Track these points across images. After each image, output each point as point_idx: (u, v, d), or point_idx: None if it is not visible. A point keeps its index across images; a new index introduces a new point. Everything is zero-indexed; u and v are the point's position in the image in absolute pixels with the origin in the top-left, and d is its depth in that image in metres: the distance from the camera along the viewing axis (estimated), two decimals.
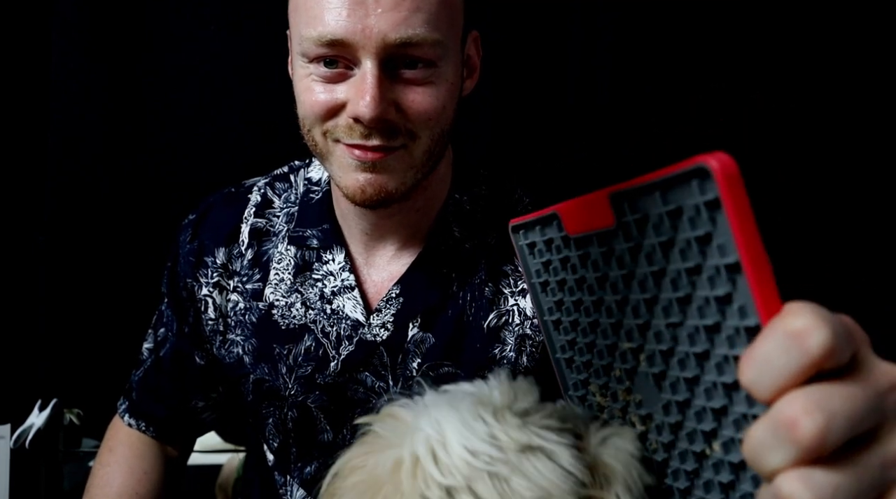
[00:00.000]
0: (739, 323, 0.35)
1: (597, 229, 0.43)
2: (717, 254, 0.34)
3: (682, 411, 0.42)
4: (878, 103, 1.52)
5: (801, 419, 0.29)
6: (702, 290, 0.36)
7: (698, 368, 0.39)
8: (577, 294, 0.49)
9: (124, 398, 1.04)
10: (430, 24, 0.72)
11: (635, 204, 0.39)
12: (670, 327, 0.40)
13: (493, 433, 0.44)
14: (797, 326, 0.30)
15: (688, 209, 0.35)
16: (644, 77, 1.55)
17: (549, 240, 0.50)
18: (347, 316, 0.90)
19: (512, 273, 0.90)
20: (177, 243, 0.98)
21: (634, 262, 0.41)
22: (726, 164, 0.32)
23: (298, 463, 0.96)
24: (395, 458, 0.45)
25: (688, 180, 0.35)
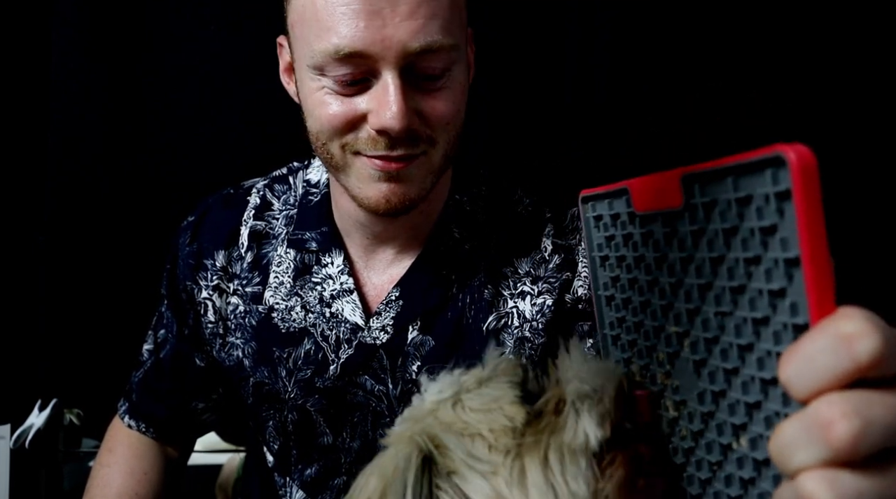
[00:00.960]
0: (789, 319, 0.34)
1: (664, 209, 0.43)
2: (779, 247, 0.34)
3: (716, 402, 0.42)
4: (876, 102, 1.52)
5: (837, 422, 0.29)
6: (757, 281, 0.36)
7: (739, 361, 0.39)
8: (635, 272, 0.49)
9: (124, 399, 1.05)
10: (446, 29, 0.71)
11: (706, 187, 0.39)
12: (719, 316, 0.40)
13: (459, 380, 0.52)
14: (849, 329, 0.30)
15: (757, 198, 0.35)
16: (641, 76, 1.55)
17: (616, 214, 0.51)
18: (346, 319, 0.90)
19: (511, 275, 0.90)
20: (176, 246, 0.98)
21: (695, 246, 0.41)
22: (804, 156, 0.32)
23: (298, 465, 0.96)
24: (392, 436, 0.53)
25: (763, 168, 0.34)
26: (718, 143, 1.54)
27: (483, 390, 0.50)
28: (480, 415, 0.48)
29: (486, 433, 0.47)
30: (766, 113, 1.54)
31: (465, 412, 0.49)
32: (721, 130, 1.55)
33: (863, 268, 1.52)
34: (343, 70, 0.71)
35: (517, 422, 0.47)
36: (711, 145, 1.53)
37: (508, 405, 0.48)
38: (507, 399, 0.49)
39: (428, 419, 0.50)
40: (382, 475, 0.48)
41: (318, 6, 0.70)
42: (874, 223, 1.55)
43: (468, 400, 0.49)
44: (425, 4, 0.69)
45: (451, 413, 0.49)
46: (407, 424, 0.51)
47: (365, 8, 0.68)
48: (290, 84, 0.85)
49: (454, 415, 0.49)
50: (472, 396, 0.50)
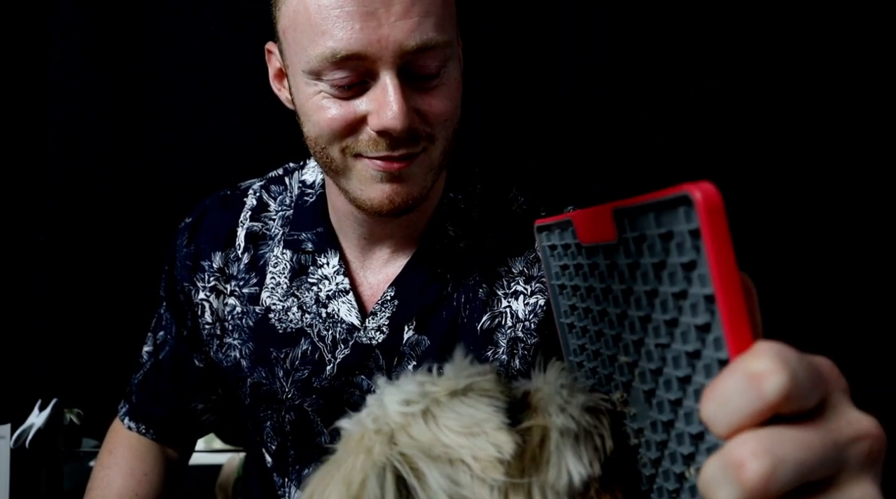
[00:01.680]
0: (714, 354, 0.35)
1: (603, 241, 0.44)
2: (699, 283, 0.35)
3: (666, 431, 0.42)
4: (873, 100, 1.52)
5: (748, 461, 0.29)
6: (685, 316, 0.37)
7: (680, 392, 0.40)
8: (587, 301, 0.50)
9: (124, 401, 1.05)
10: (440, 26, 0.72)
11: (634, 222, 0.40)
12: (659, 348, 0.41)
13: (424, 386, 0.48)
14: (757, 368, 0.30)
15: (677, 235, 0.36)
16: (636, 73, 1.54)
17: (566, 245, 0.51)
18: (342, 320, 0.90)
19: (505, 274, 0.90)
20: (173, 247, 0.98)
21: (633, 278, 0.41)
22: (709, 195, 0.32)
23: (296, 465, 0.96)
24: (346, 437, 0.49)
25: (676, 206, 0.35)
26: (713, 141, 1.54)
27: (458, 406, 0.46)
28: (462, 439, 0.45)
29: (471, 461, 0.44)
30: (761, 111, 1.53)
31: (443, 432, 0.45)
32: (716, 129, 1.55)
33: (795, 261, 1.52)
34: (340, 74, 0.71)
35: (506, 453, 0.44)
36: (706, 143, 1.53)
37: (494, 432, 0.45)
38: (491, 424, 0.45)
39: (401, 436, 0.46)
40: (347, 485, 0.45)
41: (310, 11, 0.69)
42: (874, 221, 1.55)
43: (443, 417, 0.46)
44: (419, 3, 0.69)
45: (427, 432, 0.45)
46: (369, 432, 0.47)
47: (359, 10, 0.68)
48: (281, 90, 0.85)
49: (431, 434, 0.45)
50: (446, 411, 0.46)
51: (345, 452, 0.48)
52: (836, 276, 1.56)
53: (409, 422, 0.46)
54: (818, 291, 1.55)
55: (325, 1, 0.69)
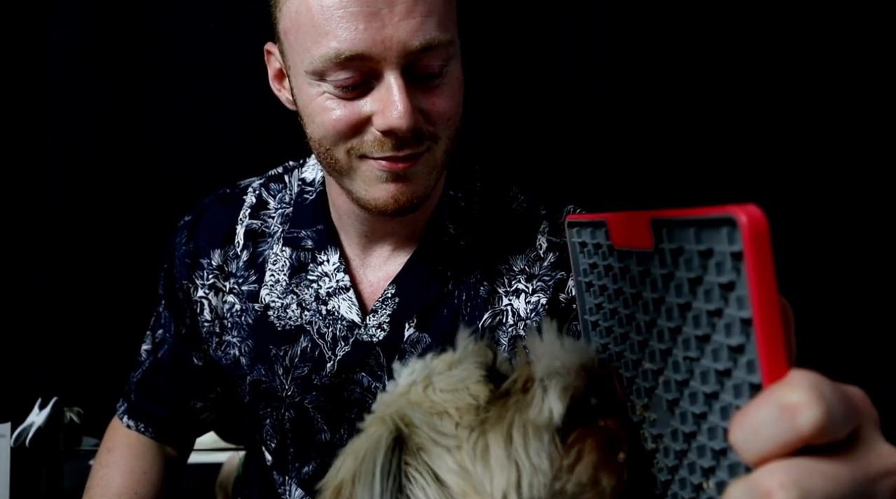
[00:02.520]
0: (746, 377, 0.35)
1: (637, 248, 0.44)
2: (736, 305, 0.34)
3: (687, 442, 0.43)
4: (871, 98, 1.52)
5: (775, 493, 0.29)
6: (719, 334, 0.36)
7: (706, 407, 0.39)
8: (615, 303, 0.50)
9: (123, 400, 1.05)
10: (442, 25, 0.72)
11: (673, 233, 0.39)
12: (688, 360, 0.40)
13: (428, 363, 0.54)
14: (792, 399, 0.30)
15: (717, 254, 0.35)
16: (635, 72, 1.54)
17: (598, 244, 0.51)
18: (343, 317, 0.90)
19: (506, 272, 0.90)
20: (172, 245, 0.98)
21: (666, 289, 0.41)
22: (755, 219, 0.32)
23: (296, 463, 0.96)
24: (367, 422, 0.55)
25: (719, 226, 0.35)
26: (711, 139, 1.54)
27: (452, 371, 0.52)
28: (448, 394, 0.50)
29: (452, 411, 0.49)
30: (759, 109, 1.54)
31: (435, 393, 0.51)
32: (714, 126, 1.55)
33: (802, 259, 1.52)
34: (344, 74, 0.71)
35: (480, 400, 0.49)
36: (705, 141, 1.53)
37: (474, 384, 0.50)
38: (472, 379, 0.51)
39: (400, 401, 0.52)
40: (356, 456, 0.50)
41: (313, 11, 0.69)
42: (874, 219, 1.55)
43: (438, 381, 0.52)
44: (421, 2, 0.69)
45: (422, 394, 0.51)
46: (381, 407, 0.54)
47: (363, 10, 0.68)
48: (281, 91, 0.85)
49: (424, 395, 0.51)
50: (441, 377, 0.52)
51: (363, 431, 0.54)
52: (835, 273, 1.56)
53: (409, 390, 0.53)
54: (818, 290, 1.55)
55: (327, 1, 0.69)
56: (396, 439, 0.49)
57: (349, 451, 0.52)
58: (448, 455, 0.48)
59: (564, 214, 0.93)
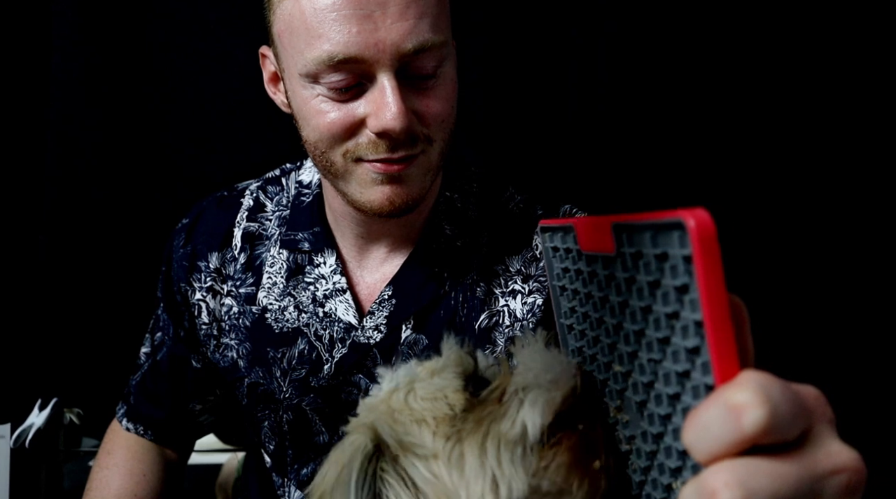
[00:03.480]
0: (702, 378, 0.35)
1: (602, 252, 0.44)
2: (690, 307, 0.35)
3: (656, 443, 0.43)
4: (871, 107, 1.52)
5: (720, 492, 0.30)
6: (677, 337, 0.37)
7: (671, 408, 0.40)
8: (586, 307, 0.50)
9: (122, 403, 1.05)
10: (436, 26, 0.72)
11: (632, 238, 0.40)
12: (652, 362, 0.41)
13: (412, 369, 0.55)
14: (737, 400, 0.30)
15: (671, 257, 0.36)
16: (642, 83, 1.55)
17: (568, 249, 0.51)
18: (340, 319, 0.90)
19: (503, 273, 0.90)
20: (170, 248, 0.98)
21: (629, 292, 0.42)
22: (703, 223, 0.32)
23: (295, 465, 0.96)
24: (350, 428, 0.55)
25: (671, 230, 0.35)
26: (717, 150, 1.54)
27: (434, 379, 0.52)
28: (427, 402, 0.51)
29: (430, 420, 0.50)
30: (766, 120, 1.54)
31: (416, 400, 0.51)
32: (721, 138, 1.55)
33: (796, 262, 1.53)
34: (337, 77, 0.71)
35: (457, 409, 0.50)
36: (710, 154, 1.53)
37: (452, 393, 0.51)
38: (451, 387, 0.51)
39: (381, 408, 0.53)
40: (336, 463, 0.51)
41: (306, 14, 0.69)
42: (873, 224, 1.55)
43: (419, 389, 0.52)
44: (414, 4, 0.69)
45: (402, 401, 0.52)
46: (364, 412, 0.54)
47: (356, 13, 0.68)
48: (276, 94, 0.85)
49: (404, 403, 0.52)
50: (422, 385, 0.52)
51: (346, 437, 0.54)
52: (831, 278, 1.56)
53: (390, 397, 0.53)
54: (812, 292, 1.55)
55: (320, 4, 0.68)
56: (375, 446, 0.50)
57: (331, 458, 0.52)
58: (423, 464, 0.48)
59: (561, 214, 0.93)
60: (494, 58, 1.54)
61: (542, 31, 1.55)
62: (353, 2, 0.68)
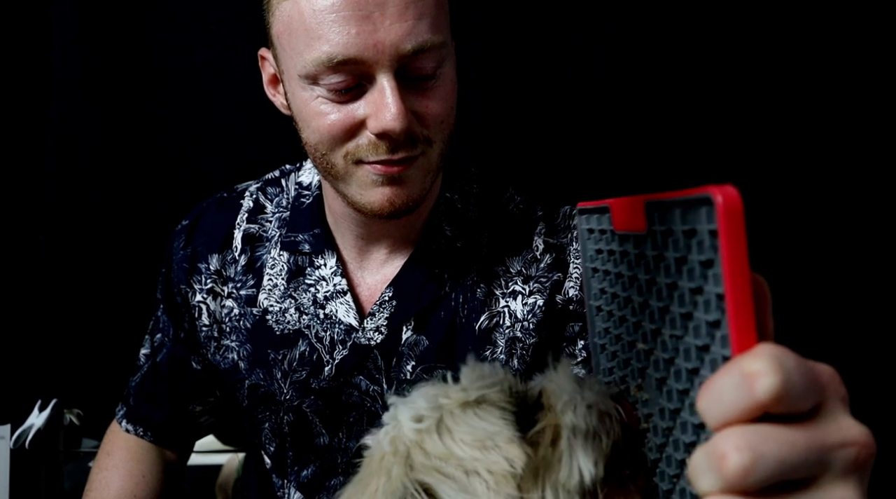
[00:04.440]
0: (721, 351, 0.36)
1: (633, 231, 0.45)
2: (713, 281, 0.36)
3: (672, 419, 0.44)
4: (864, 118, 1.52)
5: (729, 454, 0.30)
6: (699, 311, 0.38)
7: (689, 383, 0.41)
8: (616, 287, 0.51)
9: (122, 404, 1.05)
10: (435, 27, 0.72)
11: (664, 216, 0.41)
12: (674, 338, 0.42)
13: (436, 400, 0.49)
14: (752, 368, 0.31)
15: (699, 233, 0.37)
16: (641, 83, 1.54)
17: (602, 230, 0.53)
18: (340, 321, 0.90)
19: (503, 274, 0.90)
20: (170, 250, 0.98)
21: (657, 270, 0.43)
22: (730, 198, 0.33)
23: (295, 466, 0.96)
24: (368, 458, 0.50)
25: (700, 206, 0.36)
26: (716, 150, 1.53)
27: (471, 418, 0.47)
28: (475, 451, 0.46)
29: (484, 474, 0.45)
30: (765, 119, 1.53)
31: (457, 445, 0.46)
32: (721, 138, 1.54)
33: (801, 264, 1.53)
34: (336, 78, 0.71)
35: (517, 467, 0.45)
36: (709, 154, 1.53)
37: (506, 444, 0.46)
38: (503, 437, 0.46)
39: (416, 454, 0.47)
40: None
41: (305, 15, 0.69)
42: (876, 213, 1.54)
43: (457, 430, 0.47)
44: (413, 5, 0.69)
45: (440, 445, 0.46)
46: (388, 453, 0.48)
47: (354, 14, 0.68)
48: (276, 96, 0.85)
49: (444, 448, 0.46)
50: (459, 424, 0.47)
51: (367, 473, 0.50)
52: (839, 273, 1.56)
53: (422, 438, 0.47)
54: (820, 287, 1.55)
55: (319, 5, 0.68)
56: None
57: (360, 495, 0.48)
58: None
59: (561, 215, 0.93)
60: (493, 57, 1.53)
61: (541, 31, 1.55)
62: (352, 3, 0.67)
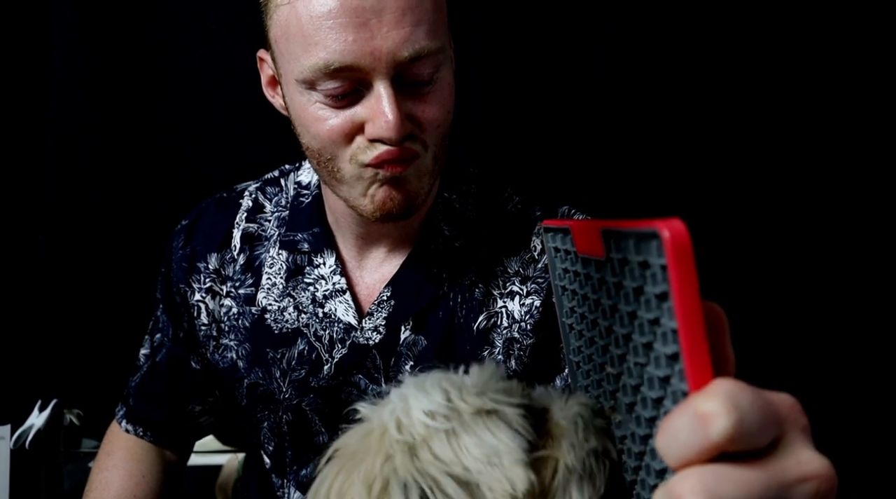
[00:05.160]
0: (679, 385, 0.36)
1: (593, 256, 0.45)
2: (668, 315, 0.36)
3: (643, 444, 0.44)
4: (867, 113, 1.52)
5: (686, 497, 0.30)
6: (658, 343, 0.38)
7: (655, 411, 0.41)
8: (584, 307, 0.51)
9: (121, 404, 1.05)
10: (432, 33, 0.71)
11: (619, 244, 0.40)
12: (638, 366, 0.42)
13: (450, 399, 0.49)
14: (705, 408, 0.31)
15: (652, 265, 0.36)
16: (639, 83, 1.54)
17: (567, 250, 0.52)
18: (339, 319, 0.90)
19: (501, 274, 0.90)
20: (169, 249, 0.98)
21: (618, 296, 0.42)
22: (677, 233, 0.33)
23: (294, 466, 0.96)
24: (366, 429, 0.51)
25: (650, 239, 0.36)
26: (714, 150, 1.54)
27: (481, 430, 0.47)
28: (481, 465, 0.46)
29: (485, 489, 0.46)
30: (763, 120, 1.53)
31: (464, 454, 0.47)
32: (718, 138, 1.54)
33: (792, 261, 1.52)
34: (333, 84, 0.71)
35: (518, 490, 0.46)
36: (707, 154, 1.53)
37: (511, 465, 0.46)
38: (509, 457, 0.46)
39: (423, 451, 0.47)
40: (367, 488, 0.47)
41: (303, 21, 0.69)
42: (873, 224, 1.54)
43: (466, 439, 0.47)
44: (410, 12, 0.69)
45: (449, 451, 0.47)
46: (391, 437, 0.49)
47: (352, 20, 0.67)
48: (274, 97, 0.85)
49: (452, 454, 0.47)
50: (469, 433, 0.47)
51: (363, 447, 0.49)
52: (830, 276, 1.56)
53: (431, 436, 0.48)
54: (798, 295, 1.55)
55: (316, 11, 0.68)
56: None
57: (353, 469, 0.49)
58: None
59: (559, 215, 0.93)
60: (491, 57, 1.54)
61: (539, 31, 1.55)
62: (349, 9, 0.67)
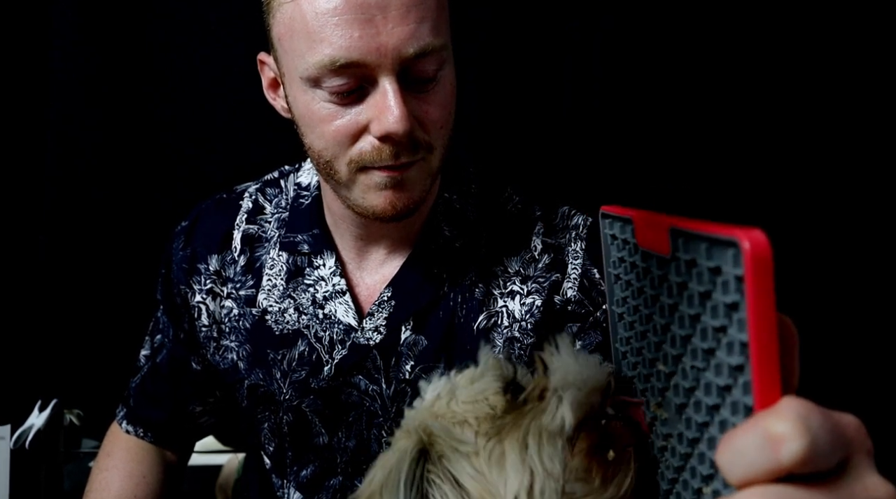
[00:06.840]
0: (742, 398, 0.35)
1: (657, 252, 0.44)
2: (737, 326, 0.35)
3: (691, 446, 0.43)
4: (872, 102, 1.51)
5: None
6: (722, 351, 0.37)
7: (708, 417, 0.40)
8: (638, 300, 0.50)
9: (122, 405, 1.05)
10: (436, 30, 0.72)
11: (688, 245, 0.39)
12: (695, 370, 0.41)
13: (452, 378, 0.58)
14: (777, 430, 0.30)
15: (724, 273, 0.35)
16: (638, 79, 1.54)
17: (626, 240, 0.51)
18: (340, 320, 0.90)
19: (501, 274, 0.90)
20: (169, 251, 0.98)
21: (680, 296, 0.41)
22: (758, 245, 0.32)
23: (294, 466, 0.96)
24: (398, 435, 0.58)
25: (726, 246, 0.34)
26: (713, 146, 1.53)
27: (474, 385, 0.55)
28: (468, 405, 0.54)
29: (472, 421, 0.52)
30: (763, 116, 1.53)
31: (457, 404, 0.54)
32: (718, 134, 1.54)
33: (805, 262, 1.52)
34: (339, 81, 0.71)
35: (497, 409, 0.52)
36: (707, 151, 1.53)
37: (492, 395, 0.54)
38: (491, 390, 0.54)
39: (424, 414, 0.56)
40: (384, 468, 0.53)
41: (307, 18, 0.69)
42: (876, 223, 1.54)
43: (460, 394, 0.55)
44: (415, 8, 0.69)
45: (445, 406, 0.54)
46: (408, 421, 0.57)
47: (357, 17, 0.68)
48: (276, 100, 0.85)
49: (447, 408, 0.54)
50: (463, 390, 0.55)
51: (393, 443, 0.57)
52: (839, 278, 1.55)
53: (434, 404, 0.56)
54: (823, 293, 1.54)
55: (321, 7, 0.68)
56: (421, 450, 0.53)
57: (379, 464, 0.55)
58: (467, 461, 0.51)
59: (559, 215, 0.93)
60: (490, 54, 1.53)
61: (538, 28, 1.55)
62: (354, 6, 0.68)
